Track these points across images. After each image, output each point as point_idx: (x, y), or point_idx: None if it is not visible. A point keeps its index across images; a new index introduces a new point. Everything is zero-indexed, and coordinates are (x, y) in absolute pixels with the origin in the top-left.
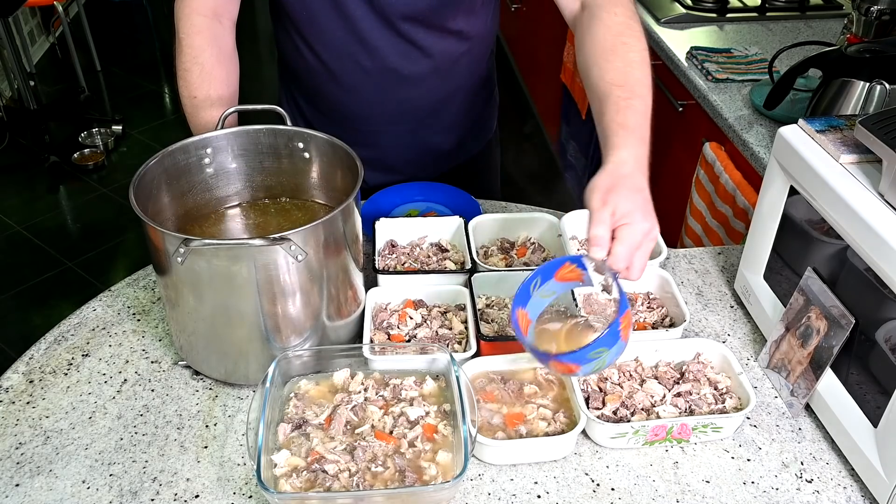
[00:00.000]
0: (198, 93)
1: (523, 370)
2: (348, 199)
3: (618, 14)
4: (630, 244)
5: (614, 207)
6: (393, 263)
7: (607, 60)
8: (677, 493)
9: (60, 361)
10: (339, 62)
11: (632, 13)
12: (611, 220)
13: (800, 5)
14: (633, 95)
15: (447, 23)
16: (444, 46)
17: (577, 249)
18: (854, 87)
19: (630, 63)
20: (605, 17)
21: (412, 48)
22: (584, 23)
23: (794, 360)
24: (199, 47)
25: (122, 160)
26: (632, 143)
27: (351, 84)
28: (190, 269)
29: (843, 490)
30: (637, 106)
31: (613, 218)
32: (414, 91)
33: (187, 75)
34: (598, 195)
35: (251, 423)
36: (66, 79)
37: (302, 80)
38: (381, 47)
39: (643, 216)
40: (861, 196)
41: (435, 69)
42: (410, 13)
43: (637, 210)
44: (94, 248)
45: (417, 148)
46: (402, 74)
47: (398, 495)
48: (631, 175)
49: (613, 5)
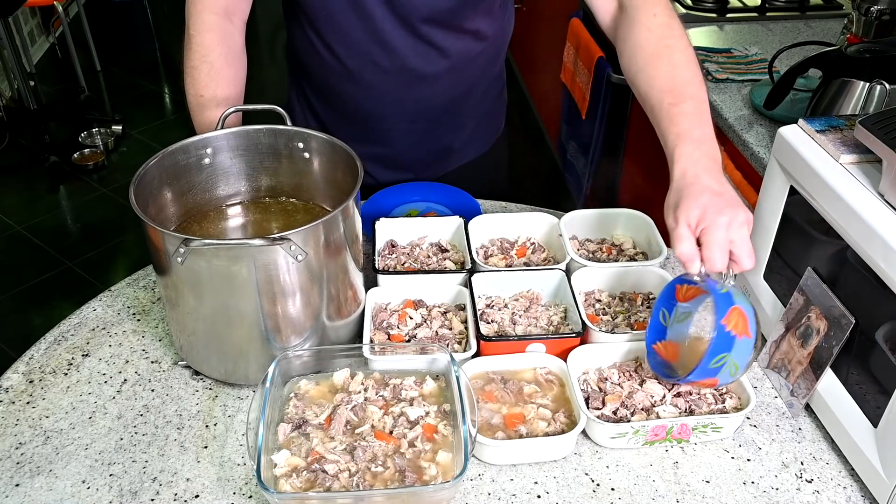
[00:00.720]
0: (205, 91)
1: (523, 370)
2: (348, 199)
3: (657, 15)
4: (716, 244)
5: (687, 220)
6: (393, 263)
7: (653, 67)
8: (677, 493)
9: (60, 361)
10: (357, 61)
11: (671, 11)
12: (689, 232)
13: (800, 5)
14: (683, 98)
15: (465, 23)
16: (462, 46)
17: (577, 250)
18: (854, 87)
19: (675, 65)
20: (645, 20)
21: (430, 48)
22: (625, 27)
23: (794, 360)
24: (209, 46)
25: (122, 160)
26: (688, 150)
27: (367, 83)
28: (190, 269)
29: (843, 490)
30: (688, 109)
31: (691, 229)
32: (429, 90)
33: (195, 73)
34: (670, 214)
35: (251, 423)
36: (66, 79)
37: (315, 78)
38: (400, 47)
39: (717, 212)
40: (861, 196)
41: (451, 69)
42: (430, 14)
43: (709, 210)
44: (94, 248)
45: (429, 146)
46: (418, 74)
47: (398, 495)
48: (693, 182)
49: (652, 5)
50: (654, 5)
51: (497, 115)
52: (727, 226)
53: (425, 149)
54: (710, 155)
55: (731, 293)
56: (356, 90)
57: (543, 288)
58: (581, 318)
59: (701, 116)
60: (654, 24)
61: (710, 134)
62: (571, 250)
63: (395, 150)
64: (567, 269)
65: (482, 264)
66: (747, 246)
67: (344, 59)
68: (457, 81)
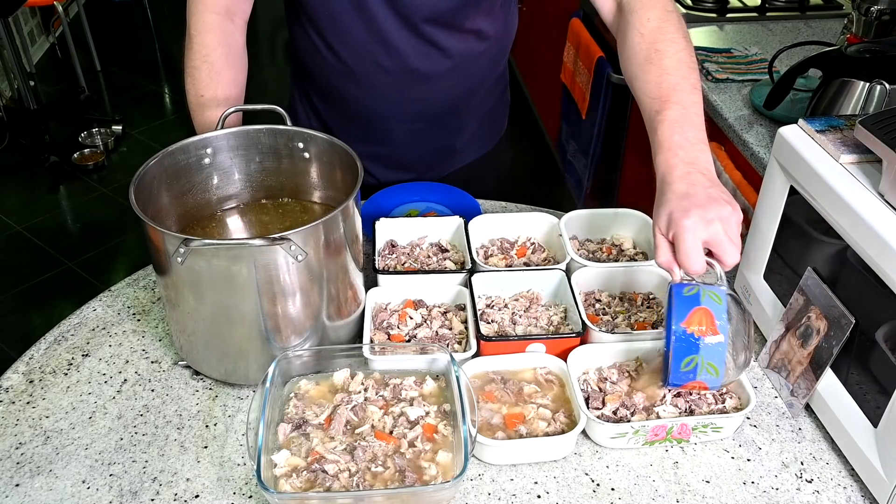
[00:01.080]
0: (205, 91)
1: (523, 370)
2: (348, 199)
3: (651, 19)
4: (686, 247)
5: (659, 229)
6: (393, 263)
7: (644, 72)
8: (677, 493)
9: (60, 361)
10: (360, 62)
11: (666, 13)
12: (664, 240)
13: (800, 5)
14: (668, 105)
15: (467, 23)
16: (464, 47)
17: (577, 250)
18: (854, 87)
19: (664, 70)
20: (638, 25)
21: (433, 49)
22: (621, 30)
23: (794, 360)
24: (210, 45)
25: (122, 160)
26: (664, 157)
27: (370, 83)
28: (190, 269)
29: (843, 490)
30: (672, 115)
31: (665, 237)
32: (432, 90)
33: (196, 73)
34: (654, 227)
35: (251, 423)
36: (66, 79)
37: (318, 78)
38: (403, 48)
39: (682, 215)
40: (861, 196)
41: (454, 69)
42: (432, 14)
43: (674, 214)
44: (94, 248)
45: (431, 146)
46: (421, 74)
47: (398, 495)
48: (664, 190)
49: (647, 9)
50: (649, 9)
51: (500, 115)
52: (693, 228)
53: (427, 149)
54: (687, 159)
55: (699, 294)
56: (359, 90)
57: (543, 288)
58: (581, 318)
59: (684, 121)
60: (647, 28)
61: (695, 137)
62: (571, 250)
63: (397, 150)
64: (567, 269)
65: (482, 264)
66: (724, 243)
67: (346, 60)
68: (459, 81)
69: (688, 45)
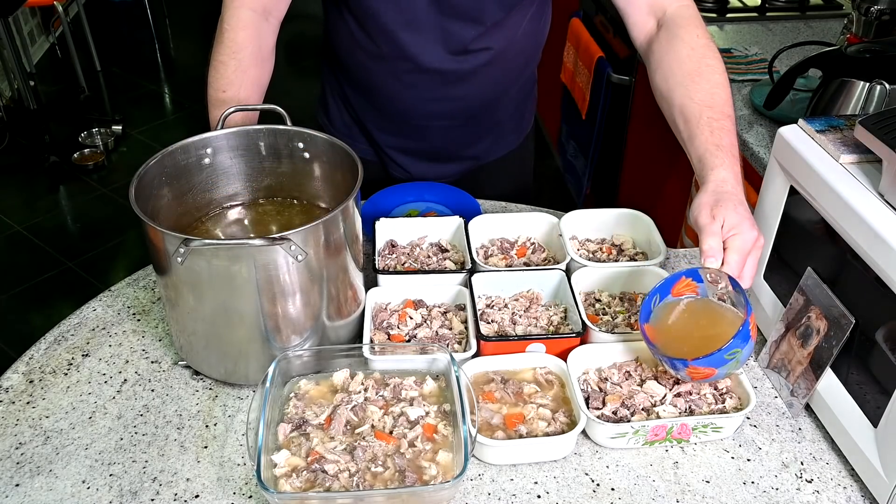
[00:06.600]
0: (228, 88)
1: (523, 370)
2: (348, 199)
3: (700, 36)
4: (741, 252)
5: (723, 221)
6: (393, 263)
7: (694, 82)
8: (677, 493)
9: (60, 361)
10: (401, 60)
11: (710, 36)
12: (721, 232)
13: (800, 5)
14: (723, 116)
15: (508, 22)
16: (504, 45)
17: (577, 250)
18: (854, 87)
19: (716, 85)
20: (688, 39)
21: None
22: (664, 42)
23: (794, 360)
24: (241, 43)
25: (122, 160)
26: (729, 162)
27: (410, 81)
28: (190, 269)
29: (843, 490)
30: (727, 126)
31: (723, 230)
32: (470, 88)
33: (222, 68)
34: (706, 211)
35: (251, 423)
36: (66, 79)
37: (354, 73)
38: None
39: (750, 226)
40: (861, 196)
41: (493, 66)
42: (474, 14)
43: (744, 221)
44: (94, 248)
45: (464, 141)
46: (460, 72)
47: (398, 495)
48: (733, 193)
49: (695, 27)
50: (697, 27)
51: (528, 112)
52: (753, 241)
53: (459, 144)
54: (740, 174)
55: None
56: (398, 87)
57: (543, 288)
58: (581, 318)
59: (735, 137)
60: (698, 43)
61: (738, 155)
62: (571, 250)
63: (430, 145)
64: (567, 269)
65: (482, 264)
66: (755, 267)
67: (387, 57)
68: (497, 80)
69: (726, 72)
